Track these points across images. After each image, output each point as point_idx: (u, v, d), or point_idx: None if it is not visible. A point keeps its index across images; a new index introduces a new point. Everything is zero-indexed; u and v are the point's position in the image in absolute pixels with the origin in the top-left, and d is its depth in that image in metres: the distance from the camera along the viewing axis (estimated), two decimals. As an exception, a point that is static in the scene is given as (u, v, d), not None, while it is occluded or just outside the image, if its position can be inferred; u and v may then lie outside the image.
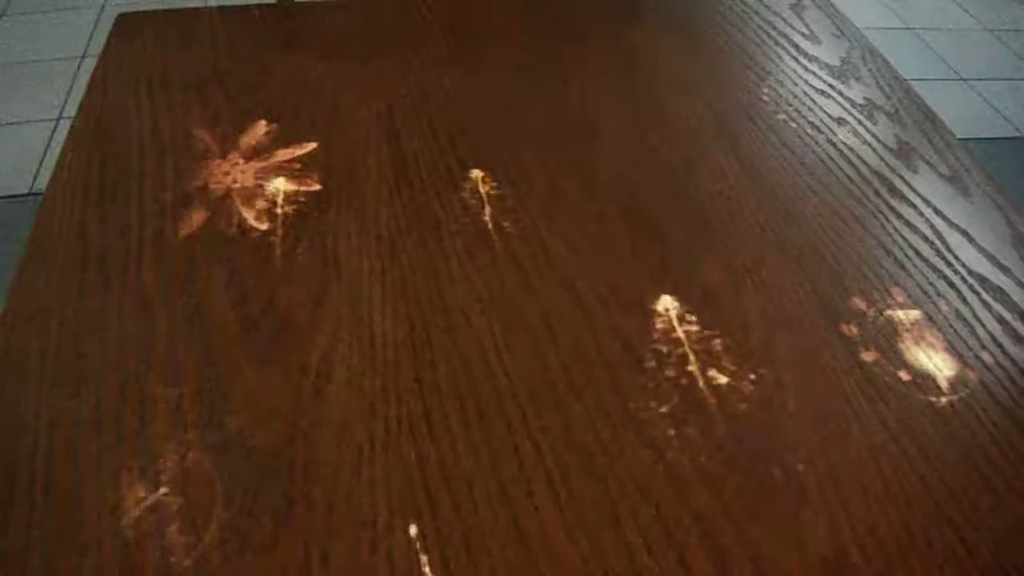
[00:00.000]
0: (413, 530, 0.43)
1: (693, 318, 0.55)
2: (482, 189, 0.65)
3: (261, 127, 0.70)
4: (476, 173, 0.67)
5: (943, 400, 0.51)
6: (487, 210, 0.63)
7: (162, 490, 0.44)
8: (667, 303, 0.56)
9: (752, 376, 0.52)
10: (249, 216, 0.62)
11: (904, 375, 0.52)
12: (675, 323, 0.55)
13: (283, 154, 0.68)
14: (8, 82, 2.01)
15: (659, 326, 0.55)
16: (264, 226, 0.61)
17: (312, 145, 0.69)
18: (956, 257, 0.61)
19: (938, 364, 0.53)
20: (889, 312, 0.57)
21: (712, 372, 0.52)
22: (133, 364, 0.51)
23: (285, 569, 0.41)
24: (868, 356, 0.54)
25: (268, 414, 0.48)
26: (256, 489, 0.45)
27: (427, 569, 0.41)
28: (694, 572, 0.42)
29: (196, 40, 0.81)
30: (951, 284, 0.59)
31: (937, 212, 0.66)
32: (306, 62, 0.79)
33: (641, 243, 0.61)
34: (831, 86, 0.80)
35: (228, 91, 0.74)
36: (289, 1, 0.89)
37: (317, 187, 0.65)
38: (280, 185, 0.65)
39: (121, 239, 0.59)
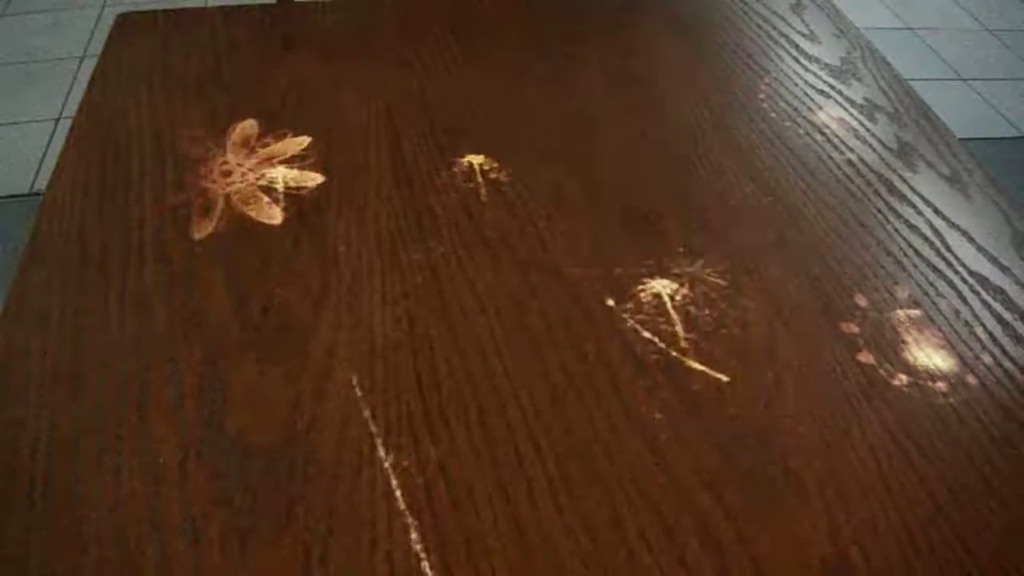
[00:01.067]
0: (414, 535, 0.43)
1: (693, 317, 0.55)
2: (482, 188, 0.65)
3: (261, 127, 0.70)
4: (476, 172, 0.67)
5: (943, 400, 0.51)
6: (487, 209, 0.63)
7: (162, 489, 0.44)
8: (667, 302, 0.56)
9: (752, 376, 0.52)
10: (249, 216, 0.62)
11: (904, 375, 0.52)
12: (675, 322, 0.55)
13: (283, 154, 0.68)
14: (8, 82, 2.01)
15: (659, 325, 0.55)
16: (264, 226, 0.61)
17: (312, 145, 0.69)
18: (956, 257, 0.61)
19: (938, 364, 0.53)
20: (889, 312, 0.57)
21: (712, 372, 0.52)
22: (133, 364, 0.51)
23: (285, 569, 0.41)
24: (868, 356, 0.54)
25: (268, 414, 0.48)
26: (256, 489, 0.45)
27: (427, 569, 0.41)
28: (694, 572, 0.42)
29: (196, 40, 0.81)
30: (951, 284, 0.59)
31: (937, 212, 0.66)
32: (306, 62, 0.79)
33: (642, 243, 0.61)
34: (831, 86, 0.80)
35: (228, 91, 0.74)
36: (289, 1, 0.89)
37: (317, 187, 0.65)
38: (280, 185, 0.65)
39: (121, 239, 0.59)
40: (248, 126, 0.70)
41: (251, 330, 0.53)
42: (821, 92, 0.79)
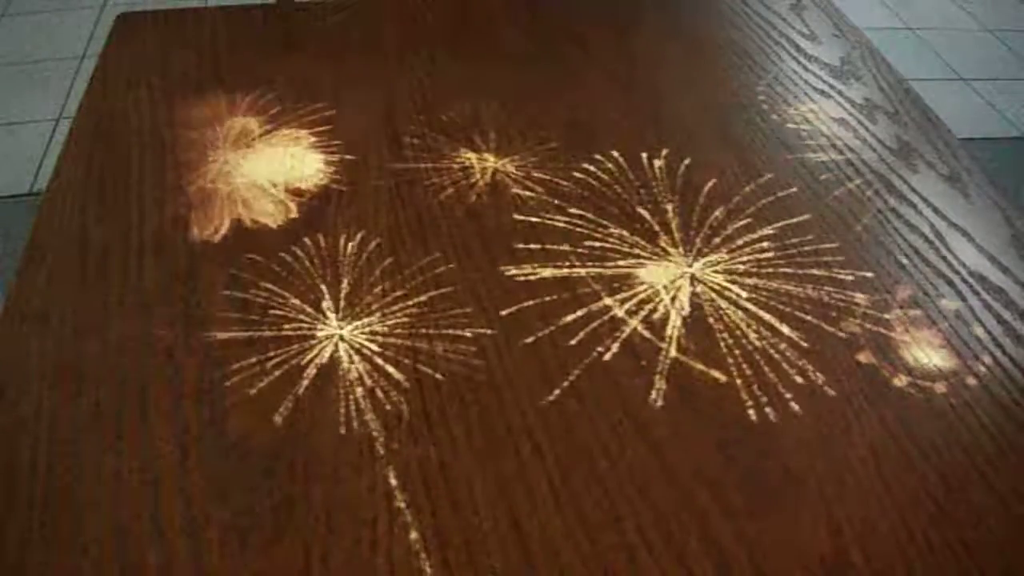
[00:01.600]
0: (414, 535, 0.43)
1: (693, 317, 0.55)
2: (482, 189, 0.65)
3: (260, 127, 0.70)
4: (476, 172, 0.67)
5: (943, 400, 0.51)
6: (487, 210, 0.63)
7: (162, 489, 0.44)
8: (667, 303, 0.56)
9: (752, 376, 0.52)
10: (249, 216, 0.62)
11: (904, 375, 0.52)
12: (675, 322, 0.55)
13: (282, 154, 0.68)
14: (8, 82, 2.01)
15: (659, 326, 0.55)
16: (264, 226, 0.61)
17: (311, 144, 0.69)
18: (956, 257, 0.61)
19: (938, 364, 0.53)
20: (889, 312, 0.57)
21: (712, 372, 0.52)
22: (133, 364, 0.51)
23: (285, 569, 0.41)
24: (868, 356, 0.54)
25: (268, 414, 0.48)
26: (256, 489, 0.45)
27: (427, 569, 0.41)
28: (694, 572, 0.42)
29: (196, 40, 0.81)
30: (951, 284, 0.59)
31: (937, 212, 0.66)
32: (306, 62, 0.79)
33: (641, 243, 0.61)
34: (831, 86, 0.80)
35: (228, 91, 0.74)
36: (289, 1, 0.89)
37: (317, 187, 0.65)
38: (279, 184, 0.65)
39: (121, 239, 0.59)
40: (247, 126, 0.70)
41: (251, 330, 0.53)
42: (821, 92, 0.79)
